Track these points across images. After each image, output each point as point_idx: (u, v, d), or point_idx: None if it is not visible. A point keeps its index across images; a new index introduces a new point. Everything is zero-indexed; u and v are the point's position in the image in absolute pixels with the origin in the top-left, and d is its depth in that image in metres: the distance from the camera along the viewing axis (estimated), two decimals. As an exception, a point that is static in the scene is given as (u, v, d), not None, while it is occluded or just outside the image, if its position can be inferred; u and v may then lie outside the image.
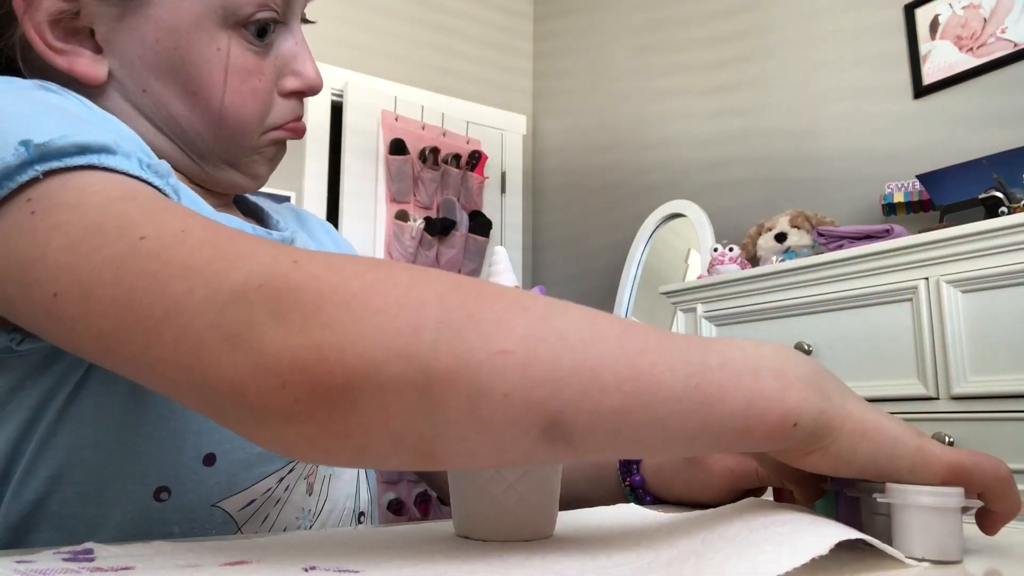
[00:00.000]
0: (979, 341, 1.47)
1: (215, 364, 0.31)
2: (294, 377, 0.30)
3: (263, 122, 0.55)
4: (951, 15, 2.04)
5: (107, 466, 0.45)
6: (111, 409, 0.45)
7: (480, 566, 0.31)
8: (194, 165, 0.55)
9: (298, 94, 0.56)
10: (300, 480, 0.52)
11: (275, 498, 0.50)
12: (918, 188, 1.93)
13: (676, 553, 0.34)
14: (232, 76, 0.52)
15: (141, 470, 0.45)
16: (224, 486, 0.47)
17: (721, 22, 2.70)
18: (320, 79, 0.56)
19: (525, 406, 0.31)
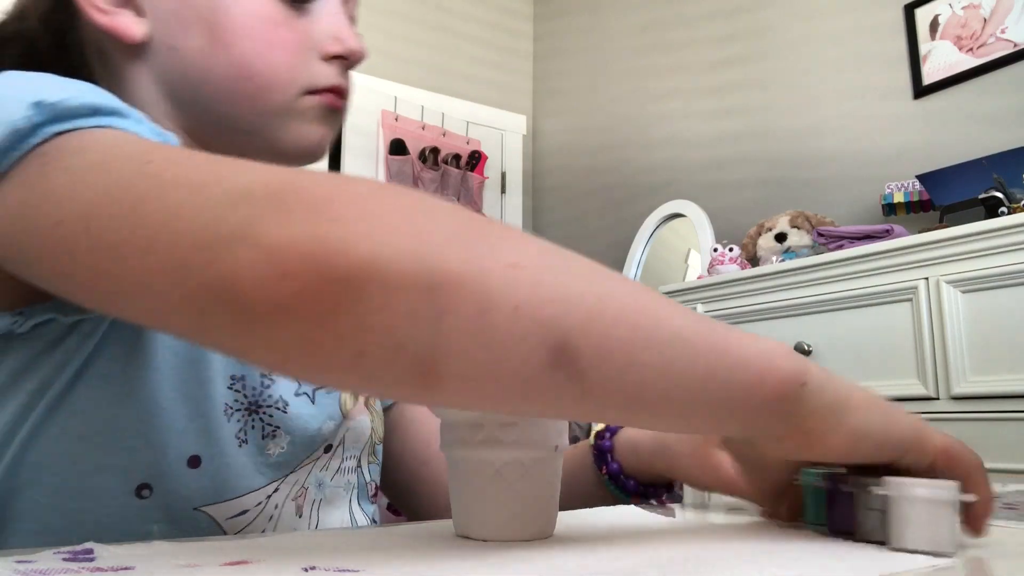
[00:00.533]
0: (979, 341, 1.47)
1: (211, 262, 0.29)
2: (295, 268, 0.28)
3: (296, 80, 0.53)
4: (951, 15, 2.04)
5: (91, 459, 0.44)
6: (103, 402, 0.44)
7: (480, 566, 0.31)
8: (220, 142, 0.54)
9: (339, 59, 0.55)
10: (288, 501, 0.51)
11: (267, 514, 0.49)
12: (918, 188, 1.93)
13: (676, 555, 0.34)
14: (260, 24, 0.52)
15: (124, 465, 0.45)
16: (209, 491, 0.47)
17: (721, 22, 2.70)
18: (363, 48, 0.55)
19: (534, 322, 0.29)
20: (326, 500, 0.54)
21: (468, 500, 0.38)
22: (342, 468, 0.56)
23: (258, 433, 0.50)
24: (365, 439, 0.58)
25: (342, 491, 0.56)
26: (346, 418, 0.56)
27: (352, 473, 0.57)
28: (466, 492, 0.38)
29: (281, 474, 0.51)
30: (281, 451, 0.51)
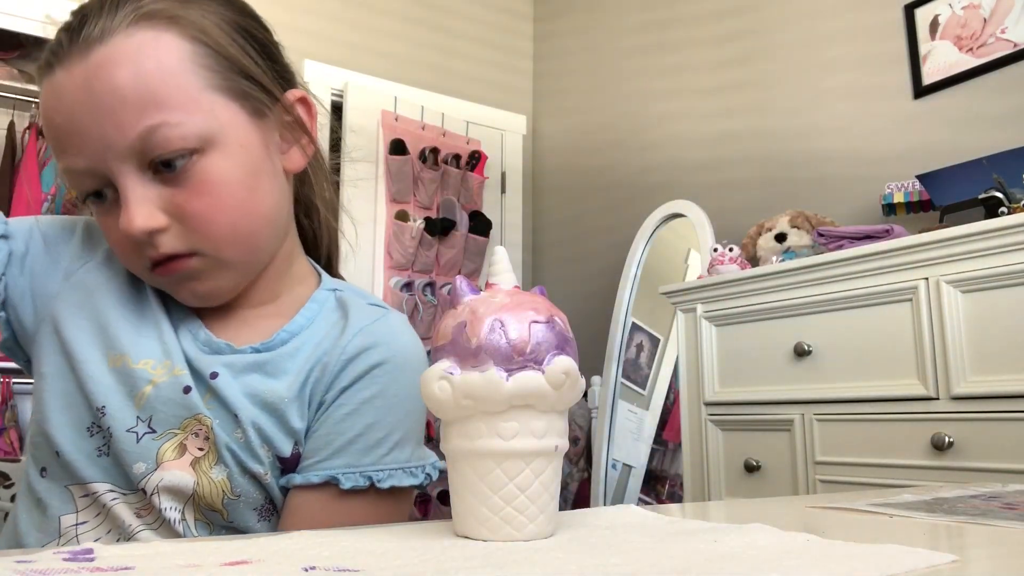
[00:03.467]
0: (979, 341, 1.47)
1: None
2: None
3: (137, 264, 0.62)
4: (951, 15, 2.04)
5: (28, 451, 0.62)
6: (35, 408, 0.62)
7: (480, 566, 0.31)
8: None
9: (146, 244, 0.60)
10: (121, 504, 0.61)
11: (102, 503, 0.61)
12: (918, 188, 1.93)
13: (676, 555, 0.34)
14: (105, 229, 0.62)
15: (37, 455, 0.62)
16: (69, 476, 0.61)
17: (721, 22, 2.70)
18: (131, 226, 0.57)
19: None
20: (142, 539, 0.61)
21: (468, 500, 0.38)
22: (162, 517, 0.60)
23: (105, 455, 0.61)
24: (186, 497, 0.61)
25: (169, 535, 0.61)
26: (159, 466, 0.60)
27: (178, 525, 0.61)
28: (466, 492, 0.38)
29: (116, 496, 0.61)
30: (112, 475, 0.61)
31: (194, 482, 0.60)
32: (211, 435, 0.60)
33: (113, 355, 0.62)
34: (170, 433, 0.61)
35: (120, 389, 0.61)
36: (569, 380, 0.38)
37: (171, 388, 0.61)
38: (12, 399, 2.48)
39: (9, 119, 2.59)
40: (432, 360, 0.40)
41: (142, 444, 0.60)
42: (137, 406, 0.61)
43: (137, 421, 0.60)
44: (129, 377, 0.61)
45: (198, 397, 0.61)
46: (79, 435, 0.61)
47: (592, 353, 2.75)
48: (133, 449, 0.60)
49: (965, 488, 0.70)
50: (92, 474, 0.61)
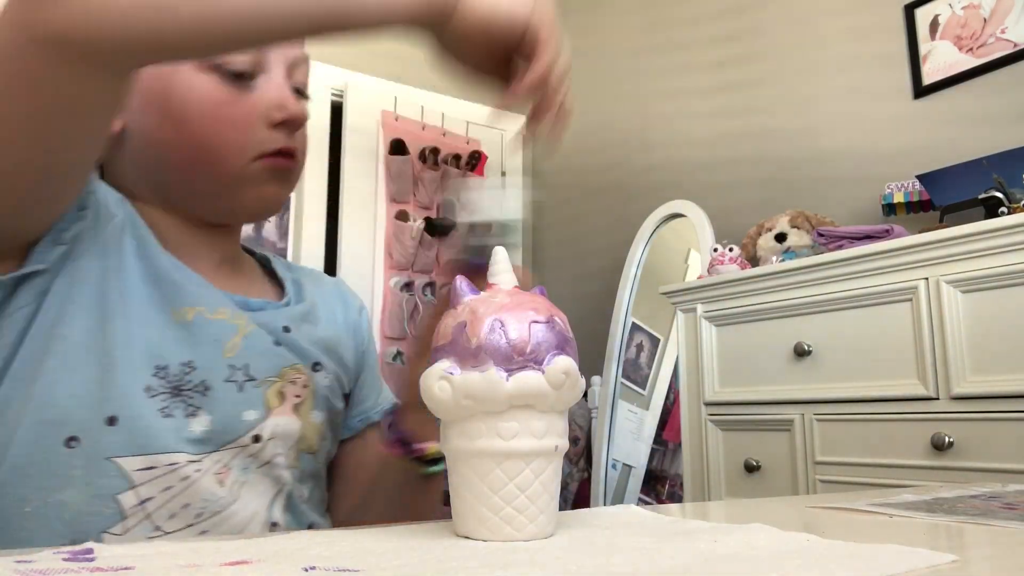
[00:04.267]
0: (979, 341, 1.47)
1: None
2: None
3: (245, 149, 0.62)
4: (951, 15, 2.04)
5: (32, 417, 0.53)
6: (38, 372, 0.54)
7: (480, 566, 0.31)
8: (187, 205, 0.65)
9: (284, 125, 0.63)
10: (209, 474, 0.58)
11: (181, 474, 0.56)
12: (918, 188, 1.93)
13: (675, 555, 0.34)
14: (208, 105, 0.61)
15: (59, 420, 0.54)
16: (121, 444, 0.55)
17: (721, 22, 2.70)
18: (303, 112, 0.65)
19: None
20: (249, 484, 0.60)
21: (468, 500, 0.38)
22: (272, 463, 0.62)
23: (182, 411, 0.57)
24: (292, 442, 0.64)
25: (270, 482, 0.62)
26: (270, 413, 0.62)
27: (284, 470, 0.63)
28: (466, 492, 0.38)
29: (205, 450, 0.58)
30: (204, 429, 0.58)
31: (300, 426, 0.64)
32: (309, 382, 0.66)
33: (180, 309, 0.60)
34: (267, 381, 0.62)
35: (202, 341, 0.59)
36: (569, 380, 0.38)
37: (260, 338, 0.63)
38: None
39: (9, 119, 2.59)
40: (432, 360, 0.40)
41: (247, 392, 0.61)
42: (227, 355, 0.60)
43: (231, 370, 0.60)
44: (210, 328, 0.60)
45: (286, 348, 0.65)
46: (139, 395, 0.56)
47: (592, 353, 2.75)
48: (238, 397, 0.60)
49: (965, 488, 0.70)
50: (161, 439, 0.56)
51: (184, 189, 0.64)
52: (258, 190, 0.64)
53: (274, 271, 0.76)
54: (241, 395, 0.60)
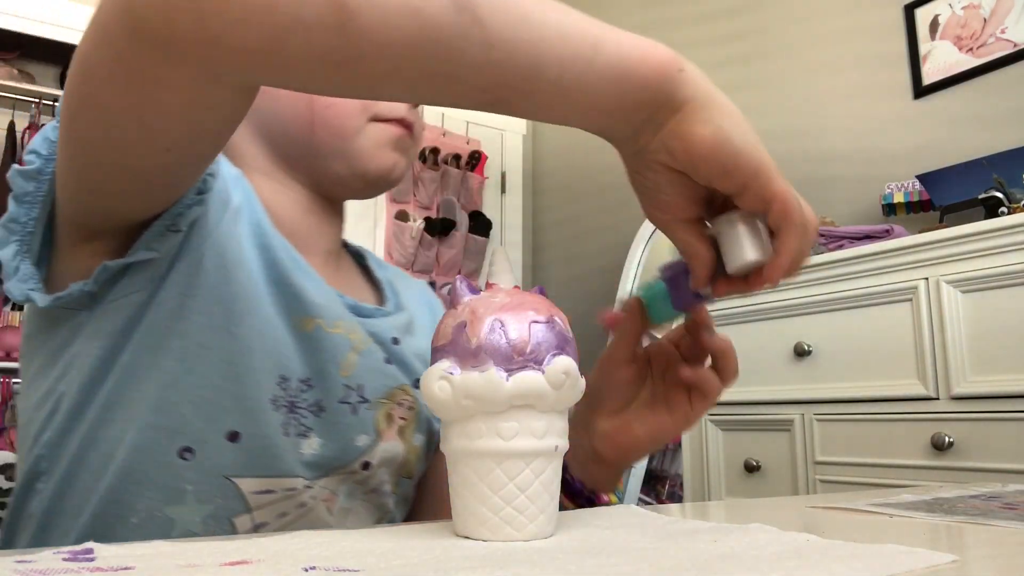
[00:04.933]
0: (979, 341, 1.47)
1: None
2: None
3: (365, 107, 0.60)
4: (951, 15, 2.04)
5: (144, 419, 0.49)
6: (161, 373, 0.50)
7: (480, 566, 0.31)
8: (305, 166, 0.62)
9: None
10: (318, 501, 0.55)
11: (298, 501, 0.53)
12: (918, 188, 1.93)
13: (676, 556, 0.34)
14: None
15: (173, 427, 0.50)
16: (241, 464, 0.51)
17: (721, 22, 2.70)
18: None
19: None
20: (354, 512, 0.57)
21: (468, 500, 0.38)
22: (378, 490, 0.59)
23: (295, 430, 0.53)
24: (396, 466, 0.60)
25: (374, 510, 0.59)
26: (380, 438, 0.58)
27: (388, 498, 0.60)
28: (466, 492, 0.38)
29: (314, 475, 0.54)
30: (313, 452, 0.54)
31: (404, 451, 0.60)
32: (415, 404, 0.61)
33: (301, 318, 0.55)
34: (379, 403, 0.58)
35: (320, 356, 0.55)
36: (569, 380, 0.38)
37: (374, 355, 0.59)
38: (12, 399, 2.48)
39: (9, 119, 2.59)
40: (432, 360, 0.40)
41: (360, 415, 0.56)
42: (343, 375, 0.56)
43: (347, 390, 0.56)
44: (328, 343, 0.55)
45: (396, 366, 0.61)
46: (265, 409, 0.52)
47: (592, 353, 2.75)
48: (351, 420, 0.56)
49: (965, 488, 0.70)
50: (282, 461, 0.52)
51: (306, 149, 0.61)
52: (379, 152, 0.61)
53: (368, 268, 0.72)
54: (354, 418, 0.56)
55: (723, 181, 0.41)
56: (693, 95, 0.41)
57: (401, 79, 0.36)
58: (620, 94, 0.40)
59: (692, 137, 0.40)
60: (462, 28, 0.34)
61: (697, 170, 0.42)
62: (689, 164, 0.41)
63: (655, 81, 0.40)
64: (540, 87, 0.38)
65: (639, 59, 0.39)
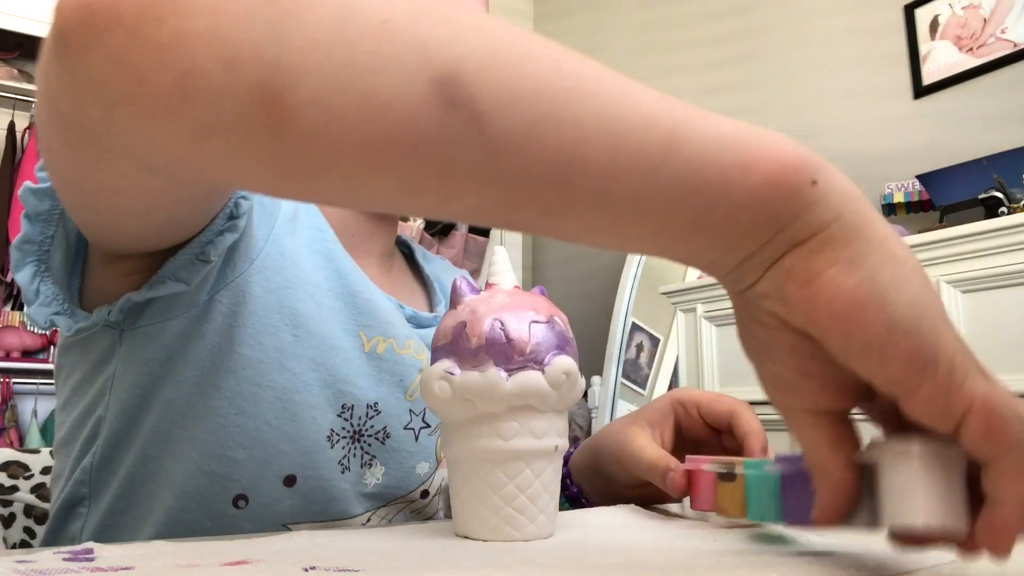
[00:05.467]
0: (979, 341, 1.47)
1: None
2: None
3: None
4: (951, 15, 2.04)
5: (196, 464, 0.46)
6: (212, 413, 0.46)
7: (480, 566, 0.31)
8: None
9: None
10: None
11: None
12: (918, 188, 1.93)
13: (676, 555, 0.34)
14: None
15: (226, 474, 0.47)
16: (300, 509, 0.48)
17: (721, 22, 2.70)
18: None
19: (407, 41, 0.23)
20: None
21: (468, 500, 0.38)
22: (434, 519, 0.56)
23: (358, 461, 0.51)
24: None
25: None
26: (439, 464, 0.55)
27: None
28: (466, 492, 0.38)
29: (374, 505, 0.52)
30: (376, 482, 0.52)
31: None
32: None
33: (373, 337, 0.51)
34: (439, 428, 0.54)
35: (388, 379, 0.51)
36: (569, 380, 0.38)
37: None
38: (12, 399, 2.47)
39: (9, 119, 2.59)
40: (432, 360, 0.40)
41: (421, 442, 0.53)
42: (409, 399, 0.52)
43: (411, 416, 0.53)
44: (397, 365, 0.52)
45: None
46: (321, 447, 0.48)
47: (592, 353, 2.75)
48: (414, 448, 0.52)
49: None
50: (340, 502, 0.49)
51: None
52: None
53: (417, 264, 0.65)
54: (417, 445, 0.53)
55: (869, 365, 0.24)
56: (834, 220, 0.25)
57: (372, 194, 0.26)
58: (706, 213, 0.25)
59: (821, 284, 0.24)
60: (453, 130, 0.23)
61: (828, 338, 0.25)
62: (814, 325, 0.25)
63: (770, 196, 0.25)
64: (576, 206, 0.25)
65: (740, 162, 0.25)
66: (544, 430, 0.38)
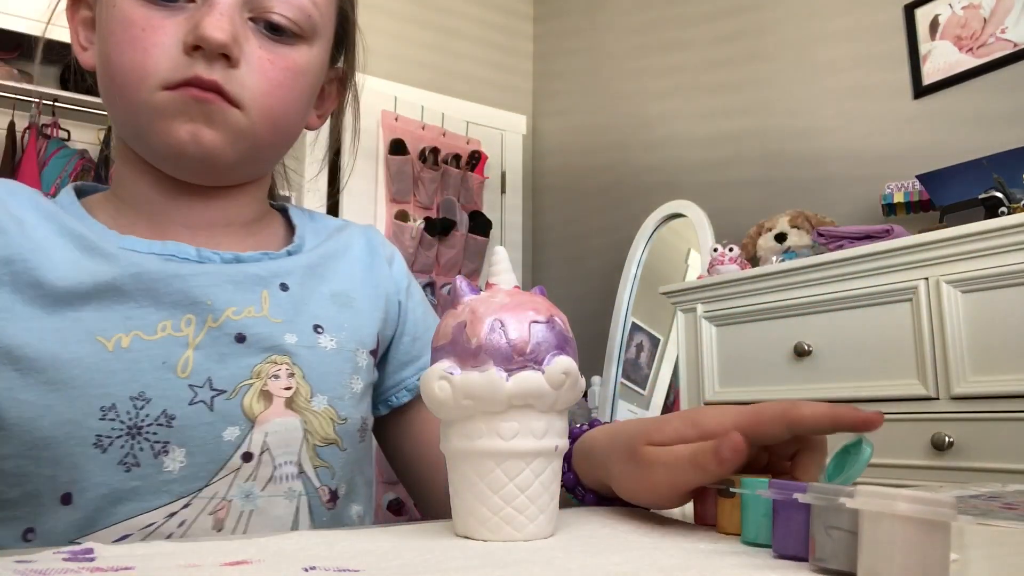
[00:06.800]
0: (979, 341, 1.47)
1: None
2: None
3: (148, 75, 0.53)
4: (951, 15, 2.04)
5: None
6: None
7: (480, 566, 0.31)
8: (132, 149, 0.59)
9: (198, 50, 0.53)
10: (202, 515, 0.50)
11: (162, 533, 0.49)
12: (918, 188, 1.93)
13: (677, 555, 0.34)
14: (117, 27, 0.53)
15: (11, 515, 0.48)
16: (84, 522, 0.48)
17: (721, 22, 2.70)
18: (212, 35, 0.52)
19: None
20: (259, 511, 0.52)
21: (468, 500, 0.38)
22: (276, 476, 0.53)
23: (148, 453, 0.50)
24: (297, 442, 0.55)
25: (283, 500, 0.54)
26: (255, 423, 0.53)
27: (295, 480, 0.54)
28: (466, 492, 0.38)
29: (192, 488, 0.51)
30: (181, 465, 0.50)
31: (301, 421, 0.55)
32: (295, 369, 0.56)
33: (111, 336, 0.51)
34: (244, 386, 0.54)
35: (146, 367, 0.51)
36: (569, 380, 0.38)
37: (217, 343, 0.54)
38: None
39: (9, 119, 2.59)
40: (432, 360, 0.40)
41: (218, 409, 0.52)
42: (181, 375, 0.52)
43: (193, 391, 0.52)
44: (150, 351, 0.52)
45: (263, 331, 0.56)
46: (89, 456, 0.48)
47: (592, 353, 2.75)
48: (212, 419, 0.52)
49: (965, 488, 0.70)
50: (134, 501, 0.49)
51: (120, 128, 0.58)
52: (165, 125, 0.53)
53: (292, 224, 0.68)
54: (213, 414, 0.52)
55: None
56: None
57: None
58: None
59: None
60: None
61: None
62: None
63: None
64: None
65: None
66: (544, 430, 0.38)
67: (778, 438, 0.40)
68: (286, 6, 0.56)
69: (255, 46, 0.56)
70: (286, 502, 0.54)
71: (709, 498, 0.41)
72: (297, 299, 0.59)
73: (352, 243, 0.69)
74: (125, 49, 0.53)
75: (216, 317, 0.55)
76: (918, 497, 0.26)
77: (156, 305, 0.53)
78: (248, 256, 0.59)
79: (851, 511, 0.27)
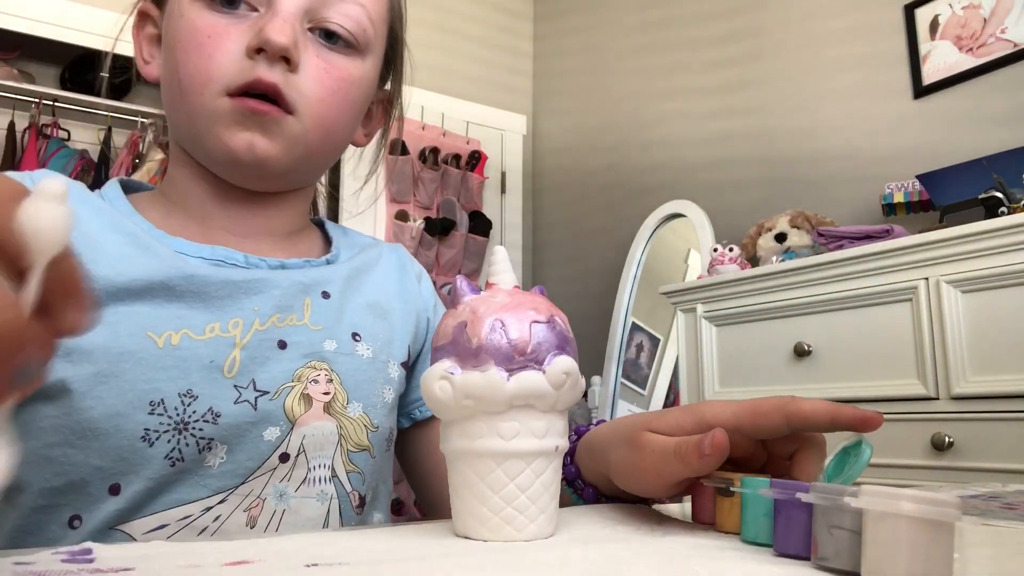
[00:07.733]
0: (979, 341, 1.47)
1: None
2: None
3: (212, 80, 0.55)
4: (951, 15, 2.04)
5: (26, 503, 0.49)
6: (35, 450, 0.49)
7: (480, 566, 0.31)
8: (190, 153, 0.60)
9: (261, 52, 0.55)
10: (237, 511, 0.52)
11: (198, 526, 0.51)
12: (918, 188, 1.93)
13: (678, 554, 0.34)
14: (184, 35, 0.56)
15: (57, 503, 0.49)
16: (125, 512, 0.50)
17: (721, 22, 2.70)
18: (275, 38, 0.54)
19: None
20: (291, 511, 0.54)
21: (468, 500, 0.38)
22: (310, 478, 0.55)
23: (193, 449, 0.51)
24: (332, 446, 0.56)
25: (315, 502, 0.55)
26: (295, 424, 0.55)
27: (328, 483, 0.56)
28: (466, 492, 0.38)
29: (229, 485, 0.52)
30: (222, 462, 0.52)
31: (337, 426, 0.57)
32: (333, 375, 0.58)
33: (161, 333, 0.53)
34: (286, 388, 0.55)
35: (193, 366, 0.53)
36: (569, 380, 0.38)
37: (261, 346, 0.55)
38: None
39: (9, 119, 2.59)
40: (432, 360, 0.40)
41: (262, 409, 0.53)
42: (228, 375, 0.53)
43: (237, 391, 0.53)
44: (199, 350, 0.53)
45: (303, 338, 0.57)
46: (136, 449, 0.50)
47: (592, 353, 2.75)
48: (255, 418, 0.53)
49: (965, 488, 0.70)
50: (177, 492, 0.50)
51: (181, 134, 0.60)
52: (223, 132, 0.56)
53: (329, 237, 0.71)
54: (256, 414, 0.53)
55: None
56: None
57: None
58: None
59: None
60: None
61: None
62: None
63: None
64: None
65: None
66: (544, 430, 0.38)
67: (776, 431, 0.40)
68: (344, 17, 0.59)
69: (312, 54, 0.58)
70: (318, 504, 0.55)
71: (707, 496, 0.41)
72: (337, 307, 0.61)
73: (383, 259, 0.71)
74: (191, 55, 0.55)
75: (263, 321, 0.57)
76: (923, 497, 0.26)
77: (205, 307, 0.55)
78: (292, 263, 0.62)
79: (854, 511, 0.27)
